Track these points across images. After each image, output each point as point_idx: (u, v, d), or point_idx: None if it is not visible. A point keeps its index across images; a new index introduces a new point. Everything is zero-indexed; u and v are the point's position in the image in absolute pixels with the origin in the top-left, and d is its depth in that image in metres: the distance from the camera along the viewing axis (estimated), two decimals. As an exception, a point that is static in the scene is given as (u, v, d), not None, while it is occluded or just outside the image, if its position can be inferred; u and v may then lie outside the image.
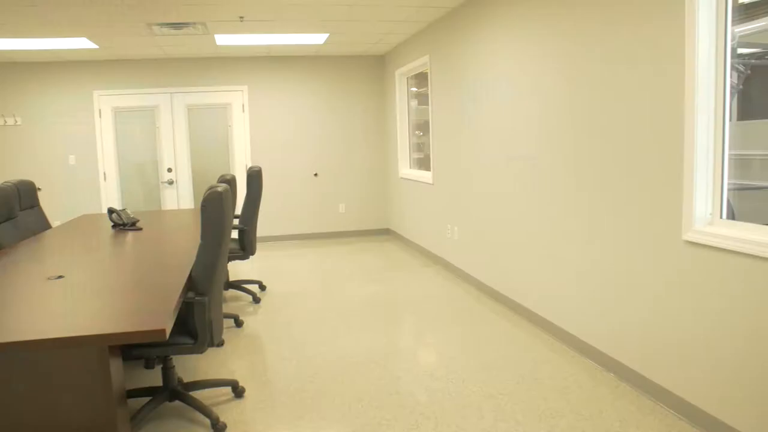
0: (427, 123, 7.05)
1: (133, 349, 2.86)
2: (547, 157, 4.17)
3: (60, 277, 3.06)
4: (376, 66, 8.63)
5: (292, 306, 5.30)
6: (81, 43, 6.76)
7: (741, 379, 2.64)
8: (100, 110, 8.15)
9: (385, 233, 8.92)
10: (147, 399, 3.26)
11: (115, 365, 2.44)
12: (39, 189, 5.43)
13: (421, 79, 7.41)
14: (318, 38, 7.07)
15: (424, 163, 7.52)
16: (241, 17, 5.83)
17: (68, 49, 7.13)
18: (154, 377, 3.78)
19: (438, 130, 6.49)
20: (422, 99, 7.45)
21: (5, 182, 4.77)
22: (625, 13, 3.25)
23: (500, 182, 4.96)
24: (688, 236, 2.88)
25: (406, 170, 7.97)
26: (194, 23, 6.00)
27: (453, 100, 5.93)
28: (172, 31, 6.32)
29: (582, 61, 3.68)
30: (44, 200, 7.85)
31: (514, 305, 4.82)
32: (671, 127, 2.96)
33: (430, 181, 6.79)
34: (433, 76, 6.54)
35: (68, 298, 2.64)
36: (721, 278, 2.71)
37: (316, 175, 8.66)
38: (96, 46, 6.99)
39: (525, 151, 4.49)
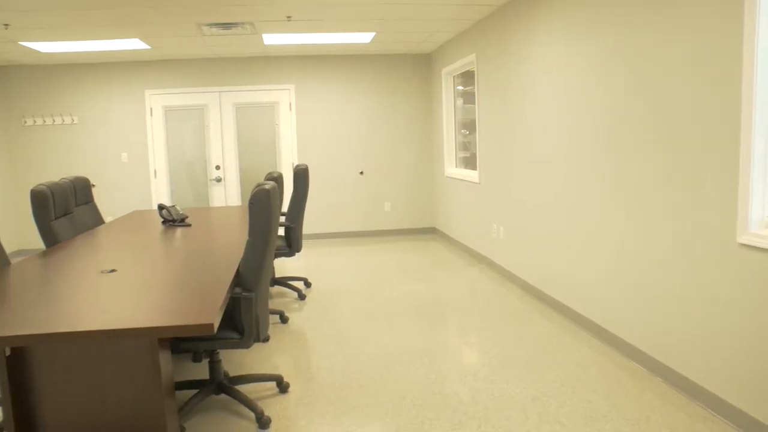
0: (473, 122, 7.00)
1: (182, 342, 2.92)
2: (596, 158, 4.10)
3: (113, 270, 3.14)
4: (422, 65, 8.62)
5: (337, 303, 5.33)
6: (134, 44, 6.94)
7: (798, 386, 2.55)
8: (151, 109, 8.34)
9: (431, 232, 8.89)
10: (194, 391, 3.33)
11: (165, 357, 2.50)
12: (93, 185, 5.58)
13: (467, 77, 7.37)
14: (364, 37, 7.09)
15: (470, 162, 7.48)
16: (289, 17, 5.89)
17: (122, 50, 7.32)
18: (201, 370, 3.85)
19: (484, 129, 6.44)
20: (468, 98, 7.40)
21: (62, 179, 4.92)
22: (680, 10, 3.17)
23: (548, 182, 4.90)
24: (744, 239, 2.79)
25: (452, 169, 7.94)
26: (243, 23, 6.08)
27: (500, 98, 5.88)
28: (221, 31, 6.43)
29: (633, 60, 3.60)
30: (98, 196, 8.10)
31: (559, 306, 4.75)
32: (727, 128, 2.87)
33: (476, 181, 6.74)
34: (479, 75, 6.49)
35: (120, 291, 2.70)
36: (778, 282, 2.63)
37: (362, 173, 8.69)
38: (148, 47, 7.16)
39: (573, 151, 4.42)
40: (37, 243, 8.07)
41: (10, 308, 2.46)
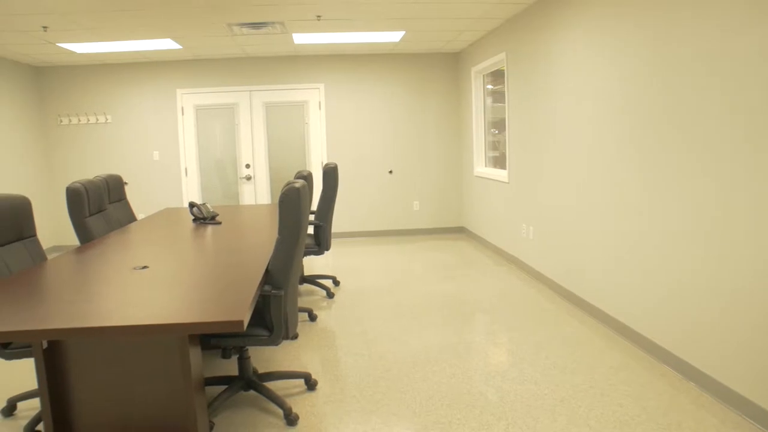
0: (502, 121, 6.96)
1: (212, 338, 2.95)
2: (630, 157, 4.04)
3: (144, 267, 3.19)
4: (451, 63, 8.59)
5: (365, 302, 5.34)
6: (166, 44, 7.04)
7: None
8: (182, 108, 8.44)
9: (459, 231, 8.86)
10: (223, 387, 3.37)
11: (195, 353, 2.53)
12: (126, 183, 5.67)
13: (497, 76, 7.32)
14: (394, 36, 7.09)
15: (499, 162, 7.43)
16: (319, 16, 5.91)
17: (154, 50, 7.43)
18: (230, 367, 3.89)
19: (514, 129, 6.39)
20: (498, 97, 7.36)
21: (96, 176, 5.01)
22: (721, 8, 3.11)
23: (579, 182, 4.85)
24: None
25: (481, 168, 7.90)
26: (273, 23, 6.12)
27: (530, 97, 5.83)
28: (252, 31, 6.48)
29: (669, 59, 3.54)
30: (130, 194, 8.23)
31: (589, 307, 4.70)
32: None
33: (506, 180, 6.70)
34: (509, 74, 6.45)
35: (152, 287, 2.74)
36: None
37: (391, 172, 8.70)
38: (180, 47, 7.25)
39: (606, 150, 4.37)
40: (72, 239, 8.24)
41: (46, 303, 2.51)
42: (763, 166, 2.81)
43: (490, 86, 7.70)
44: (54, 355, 2.51)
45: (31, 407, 3.41)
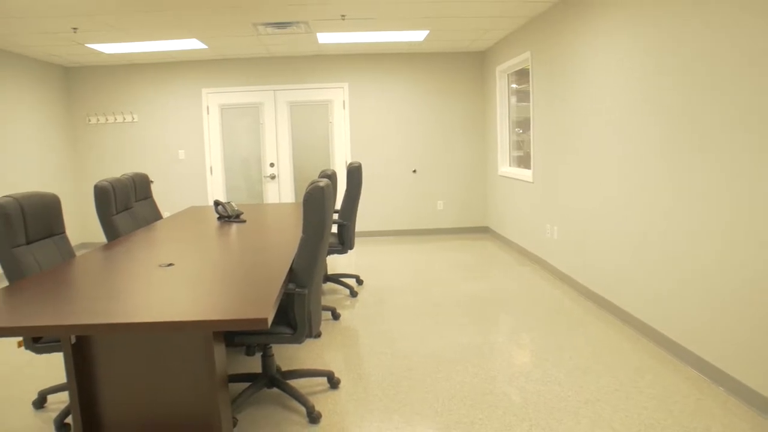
0: (527, 120, 6.92)
1: (236, 336, 2.97)
2: (658, 157, 3.99)
3: (170, 264, 3.22)
4: (475, 62, 8.55)
5: (389, 301, 5.35)
6: (192, 44, 7.11)
7: None
8: (207, 107, 8.52)
9: (483, 231, 8.83)
10: (247, 384, 3.40)
11: (219, 350, 2.55)
12: (152, 181, 5.74)
13: (521, 75, 7.28)
14: (418, 35, 7.08)
15: (523, 161, 7.39)
16: (343, 16, 5.93)
17: (180, 50, 7.51)
18: (254, 364, 3.92)
19: (539, 128, 6.35)
20: (522, 96, 7.31)
21: (123, 175, 5.07)
22: (762, 6, 3.06)
23: (604, 181, 4.81)
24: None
25: (506, 168, 7.86)
26: (297, 22, 6.15)
27: (555, 96, 5.79)
28: (277, 31, 6.52)
29: (697, 57, 3.50)
30: (156, 192, 8.32)
31: (614, 308, 4.65)
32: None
33: (530, 180, 6.66)
34: (534, 73, 6.41)
35: (177, 284, 2.77)
36: None
37: (414, 171, 8.69)
38: (205, 47, 7.31)
39: (633, 150, 4.32)
40: (99, 236, 8.36)
41: (75, 298, 2.55)
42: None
43: (514, 85, 7.66)
44: (82, 349, 2.55)
45: (60, 400, 3.47)
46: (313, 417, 3.13)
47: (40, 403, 3.44)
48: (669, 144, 3.81)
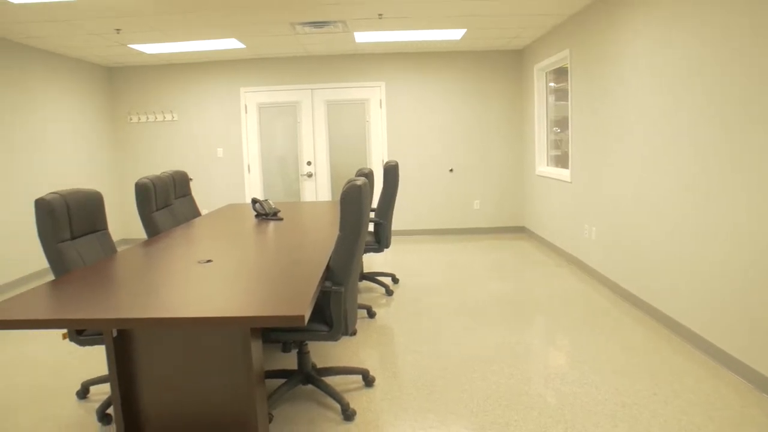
0: (565, 119, 6.84)
1: (272, 332, 3.00)
2: (702, 158, 3.91)
3: (209, 261, 3.27)
4: (513, 61, 8.49)
5: (424, 300, 5.34)
6: (230, 44, 7.20)
7: None
8: (245, 106, 8.62)
9: (520, 231, 8.76)
10: (283, 380, 3.43)
11: (256, 346, 2.58)
12: (191, 179, 5.83)
13: (559, 73, 7.20)
14: (455, 34, 7.06)
15: (561, 161, 7.31)
16: (380, 15, 5.94)
17: (218, 50, 7.61)
18: (290, 361, 3.95)
19: (577, 127, 6.27)
20: (560, 94, 7.23)
21: (163, 172, 5.16)
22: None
23: (644, 182, 4.72)
24: None
25: (543, 167, 7.78)
26: (335, 22, 6.18)
27: (594, 95, 5.71)
28: (314, 30, 6.56)
29: (745, 55, 3.41)
30: (195, 189, 8.45)
31: (653, 311, 4.58)
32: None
33: (568, 179, 6.59)
34: (573, 71, 6.33)
35: (216, 281, 2.81)
36: None
37: (451, 170, 8.66)
38: (243, 46, 7.40)
39: (675, 150, 4.24)
40: (140, 232, 8.53)
41: (116, 293, 2.60)
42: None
43: (552, 84, 7.58)
44: (123, 343, 2.61)
45: (102, 391, 3.56)
46: (348, 414, 3.15)
47: (83, 393, 3.53)
48: (713, 145, 3.73)
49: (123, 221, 8.81)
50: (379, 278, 5.87)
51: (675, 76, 4.16)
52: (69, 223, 3.27)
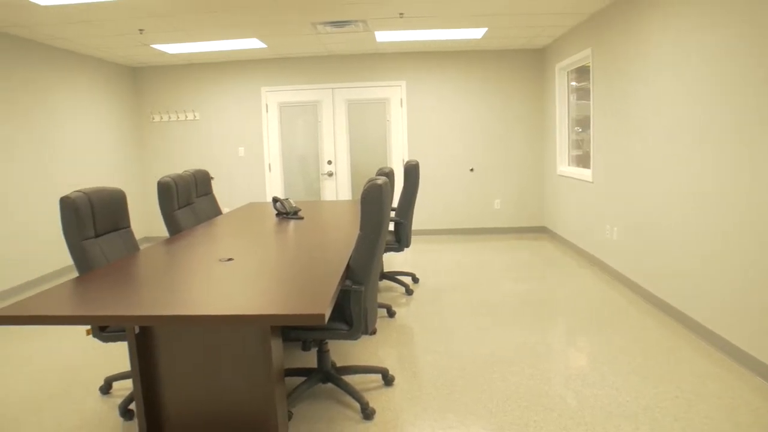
0: (586, 119, 6.79)
1: (293, 330, 3.01)
2: (728, 157, 3.86)
3: (230, 259, 3.29)
4: (534, 60, 8.44)
5: (444, 299, 5.33)
6: (252, 44, 7.24)
7: None
8: (266, 105, 8.66)
9: (541, 231, 8.71)
10: (302, 379, 3.44)
11: (276, 344, 2.59)
12: (212, 178, 5.87)
13: (580, 73, 7.14)
14: (476, 33, 7.03)
15: (582, 161, 7.25)
16: (401, 14, 5.93)
17: (240, 50, 7.66)
18: (309, 359, 3.97)
19: (599, 127, 6.22)
20: (582, 94, 7.18)
21: (185, 171, 5.21)
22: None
23: (668, 182, 4.67)
24: None
25: (564, 167, 7.73)
26: (356, 21, 6.19)
27: (616, 94, 5.66)
28: (335, 30, 6.57)
29: None
30: (216, 188, 8.51)
31: (675, 312, 4.52)
32: None
33: (590, 179, 6.54)
34: (595, 70, 6.28)
35: (236, 279, 2.83)
36: None
37: (472, 170, 8.64)
38: (264, 46, 7.44)
39: (700, 150, 4.19)
40: (161, 230, 8.61)
41: (139, 290, 2.63)
42: None
43: (574, 83, 7.52)
44: (145, 339, 2.63)
45: (124, 387, 3.60)
46: (367, 413, 3.15)
47: (106, 388, 3.57)
48: (740, 144, 3.67)
49: (145, 219, 8.90)
50: (399, 277, 5.87)
51: (700, 75, 4.11)
52: (93, 221, 3.31)
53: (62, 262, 6.85)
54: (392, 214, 5.57)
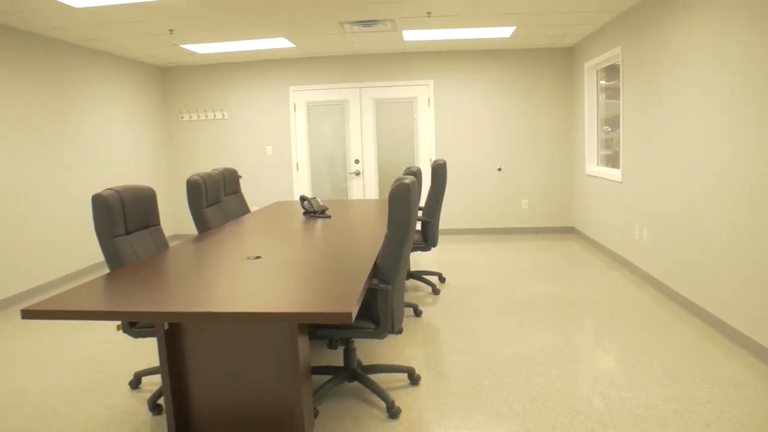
0: (615, 118, 6.71)
1: (319, 329, 3.03)
2: (762, 158, 3.78)
3: (258, 257, 3.31)
4: (563, 59, 8.36)
5: (471, 299, 5.31)
6: (280, 43, 7.29)
7: None
8: (294, 104, 8.71)
9: (569, 231, 8.63)
10: (328, 377, 3.45)
11: (303, 342, 2.61)
12: (240, 176, 5.92)
13: (610, 71, 7.06)
14: (504, 32, 6.99)
15: (611, 160, 7.17)
16: (429, 13, 5.92)
17: (268, 49, 7.71)
18: (336, 357, 3.98)
19: (629, 126, 6.14)
20: (611, 93, 7.09)
21: (214, 170, 5.26)
22: None
23: (699, 182, 4.59)
24: None
25: (593, 167, 7.65)
26: (383, 20, 6.20)
27: (647, 93, 5.58)
28: (363, 29, 6.58)
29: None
30: (244, 187, 8.58)
31: (706, 315, 4.45)
32: None
33: (619, 179, 6.46)
34: (624, 69, 6.20)
35: (264, 277, 2.85)
36: None
37: (499, 169, 8.59)
38: (293, 45, 7.48)
39: (734, 150, 4.11)
40: (190, 228, 8.71)
41: (168, 287, 2.67)
42: None
43: (603, 82, 7.44)
44: (174, 335, 2.67)
45: (153, 382, 3.65)
46: (393, 412, 3.15)
47: (135, 383, 3.63)
48: (771, 143, 3.60)
49: (174, 217, 9.01)
50: (426, 277, 5.86)
51: (733, 74, 4.03)
52: (124, 219, 3.36)
53: (94, 259, 6.97)
54: (419, 213, 5.56)
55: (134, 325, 3.16)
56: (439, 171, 5.34)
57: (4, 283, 5.63)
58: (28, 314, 2.40)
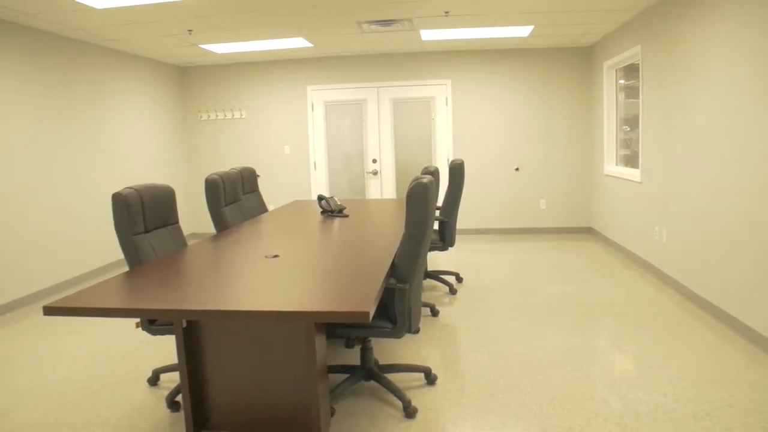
0: (635, 117, 6.65)
1: (337, 327, 3.03)
2: (777, 156, 3.74)
3: (275, 256, 3.33)
4: (582, 58, 8.30)
5: (488, 299, 5.30)
6: (298, 43, 7.31)
7: None
8: (312, 104, 8.73)
9: (587, 232, 8.57)
10: (345, 376, 3.46)
11: (320, 341, 2.62)
12: (258, 175, 5.95)
13: (629, 71, 7.00)
14: (522, 31, 6.96)
15: (630, 160, 7.11)
16: (447, 12, 5.91)
17: (286, 49, 7.74)
18: (352, 356, 3.99)
19: (649, 126, 6.09)
20: (630, 92, 7.03)
21: (232, 169, 5.29)
22: None
23: (720, 182, 4.54)
24: None
25: (612, 167, 7.59)
26: (401, 20, 6.19)
27: (667, 93, 5.53)
28: (380, 28, 6.59)
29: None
30: (262, 186, 8.62)
31: (727, 317, 4.39)
32: None
33: (638, 179, 6.41)
34: (644, 68, 6.14)
35: (282, 276, 2.86)
36: None
37: (517, 169, 8.55)
38: (311, 45, 7.50)
39: (756, 152, 4.06)
40: (208, 227, 8.76)
41: (187, 285, 2.69)
42: None
43: (622, 81, 7.38)
44: (192, 333, 2.69)
45: (171, 379, 3.68)
46: (409, 411, 3.15)
47: (154, 380, 3.66)
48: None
49: (193, 216, 9.07)
50: (443, 277, 5.85)
51: (755, 73, 3.98)
52: (143, 217, 3.39)
53: (113, 256, 7.03)
54: (437, 213, 5.55)
55: (153, 323, 3.19)
56: (456, 171, 5.32)
57: (25, 280, 5.71)
58: (49, 311, 2.43)
